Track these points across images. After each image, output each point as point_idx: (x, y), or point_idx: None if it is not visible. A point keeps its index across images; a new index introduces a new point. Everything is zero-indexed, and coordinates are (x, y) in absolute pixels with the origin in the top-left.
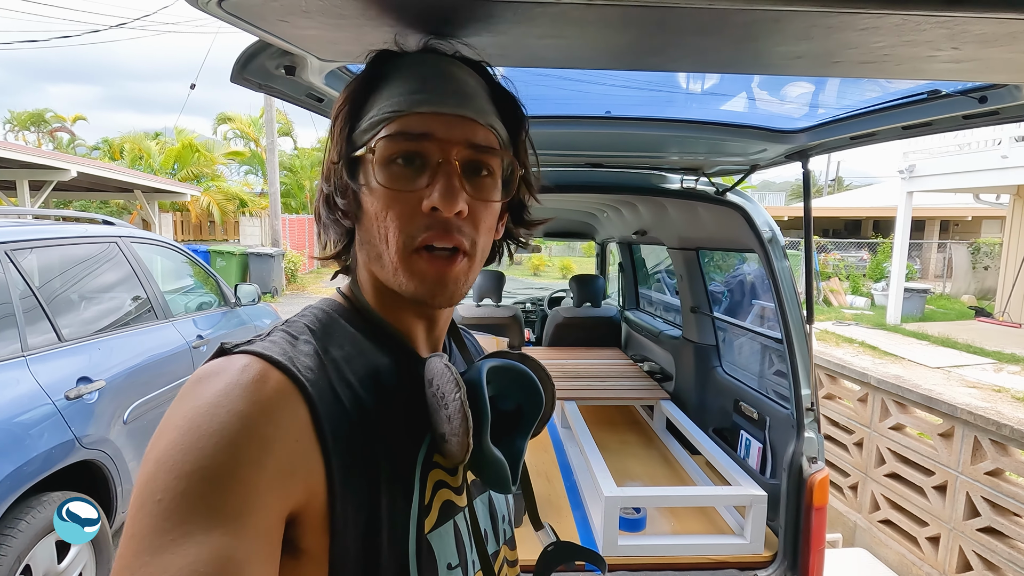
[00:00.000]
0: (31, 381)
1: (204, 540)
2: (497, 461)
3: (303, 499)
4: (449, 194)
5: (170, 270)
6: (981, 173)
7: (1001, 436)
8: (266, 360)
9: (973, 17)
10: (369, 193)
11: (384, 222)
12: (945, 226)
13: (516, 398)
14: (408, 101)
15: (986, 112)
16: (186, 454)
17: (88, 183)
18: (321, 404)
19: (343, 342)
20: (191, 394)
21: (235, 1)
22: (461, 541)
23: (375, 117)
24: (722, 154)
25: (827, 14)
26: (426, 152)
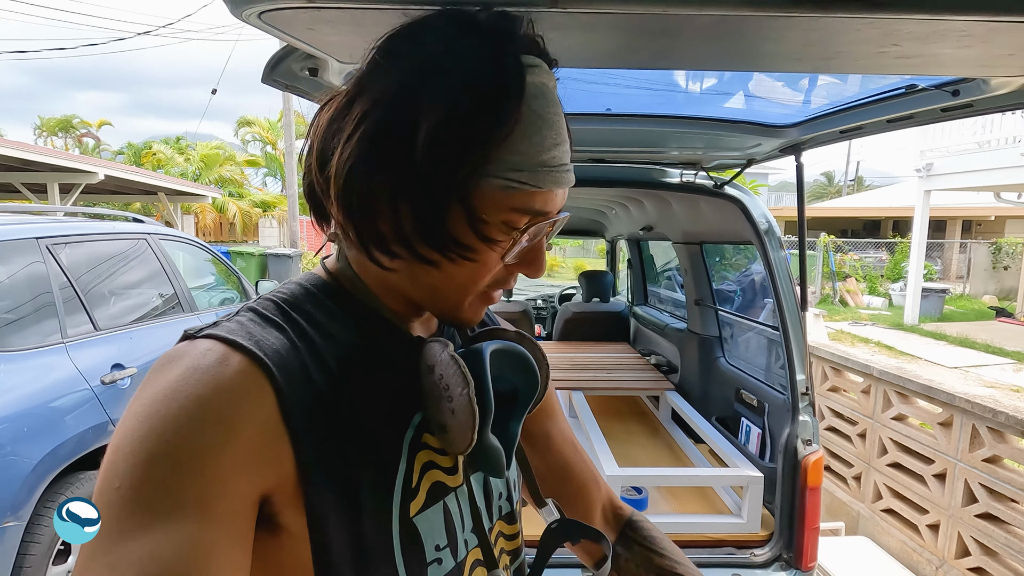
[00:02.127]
0: (70, 366)
1: (166, 528)
2: (494, 450)
3: (273, 482)
4: (543, 265)
5: (195, 267)
6: (1001, 171)
7: (997, 423)
8: (228, 344)
9: (895, 18)
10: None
11: (469, 277)
12: (967, 226)
13: (512, 380)
14: (546, 176)
15: (961, 105)
16: (144, 441)
17: (114, 186)
18: (289, 387)
19: (322, 321)
20: (151, 381)
21: (272, 14)
22: (452, 522)
23: (511, 179)
24: (719, 149)
25: (773, 17)
26: (540, 226)
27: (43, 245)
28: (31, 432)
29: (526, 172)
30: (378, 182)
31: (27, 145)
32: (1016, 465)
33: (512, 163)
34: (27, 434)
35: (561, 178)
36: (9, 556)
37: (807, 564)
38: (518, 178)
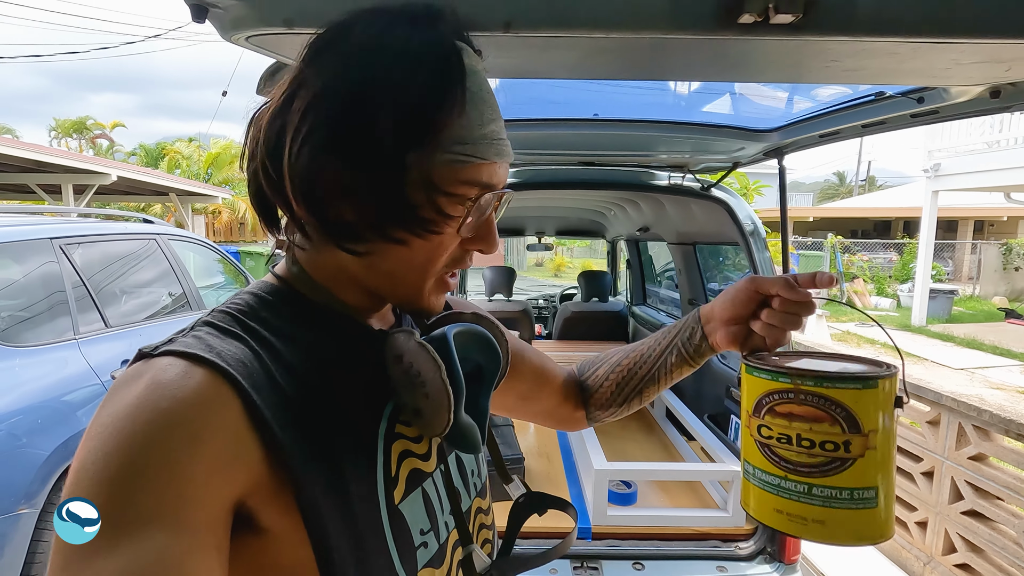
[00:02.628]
0: (82, 362)
1: (135, 544)
2: (469, 427)
3: (246, 488)
4: (496, 239)
5: (204, 267)
6: (1011, 171)
7: (982, 422)
8: (188, 357)
9: (819, 40)
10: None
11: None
12: (979, 226)
13: (475, 359)
14: (493, 148)
15: (928, 111)
16: (108, 458)
17: (127, 186)
18: (256, 392)
19: (280, 325)
20: (111, 401)
21: (258, 38)
22: (431, 506)
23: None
24: (705, 152)
25: (706, 40)
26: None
27: (57, 245)
28: (45, 424)
29: (470, 145)
30: (338, 170)
31: (42, 147)
32: (1000, 463)
33: (457, 137)
34: (41, 426)
35: (502, 149)
36: (23, 541)
37: (790, 557)
38: (463, 151)
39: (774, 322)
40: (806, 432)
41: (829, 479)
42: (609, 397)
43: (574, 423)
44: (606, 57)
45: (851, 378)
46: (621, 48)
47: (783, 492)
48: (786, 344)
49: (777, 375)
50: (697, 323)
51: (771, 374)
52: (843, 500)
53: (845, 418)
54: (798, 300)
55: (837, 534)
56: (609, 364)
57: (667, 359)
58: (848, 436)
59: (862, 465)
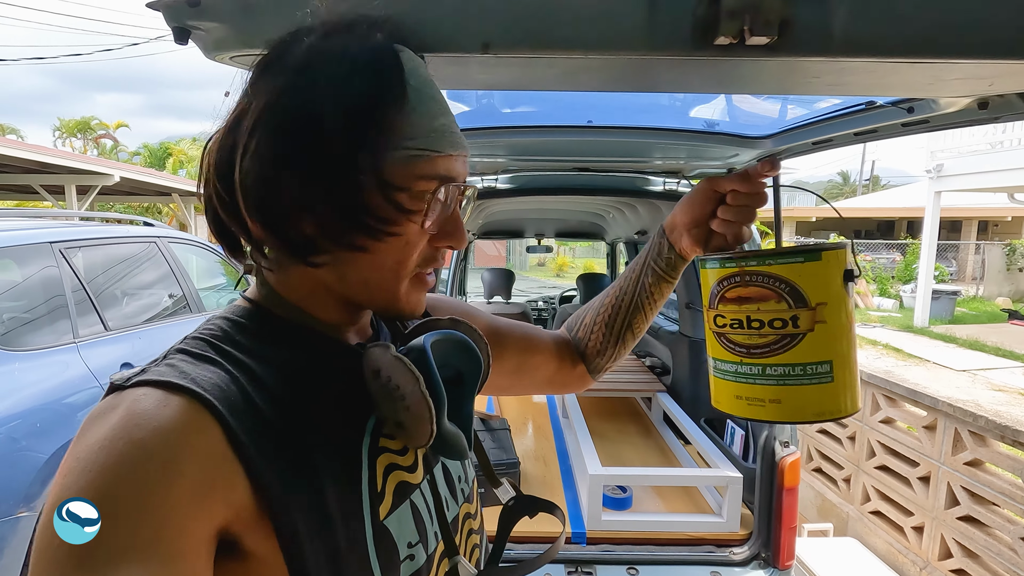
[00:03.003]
0: (81, 365)
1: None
2: (454, 435)
3: (229, 513)
4: (464, 236)
5: (206, 269)
6: (1015, 172)
7: (978, 427)
8: (163, 386)
9: (796, 60)
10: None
11: (400, 253)
12: (983, 227)
13: (456, 365)
14: (443, 141)
15: (918, 121)
16: (84, 492)
17: (130, 187)
18: (234, 417)
19: (255, 348)
20: (85, 435)
21: (242, 59)
22: (420, 517)
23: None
24: (700, 158)
25: (683, 60)
26: (450, 193)
27: (56, 249)
28: (44, 428)
29: (420, 139)
30: (289, 182)
31: (45, 148)
32: (997, 468)
33: (408, 133)
34: (40, 429)
35: (455, 141)
36: (22, 545)
37: (784, 563)
38: (416, 145)
39: (730, 217)
40: (755, 313)
41: (781, 357)
42: (602, 341)
43: (578, 381)
44: (588, 73)
45: (793, 252)
46: (601, 66)
47: (740, 377)
48: (747, 240)
49: (724, 261)
50: (662, 236)
51: (719, 261)
52: (797, 376)
53: (790, 293)
54: (751, 191)
55: (795, 411)
56: (593, 310)
57: (644, 282)
58: (795, 311)
59: (812, 340)
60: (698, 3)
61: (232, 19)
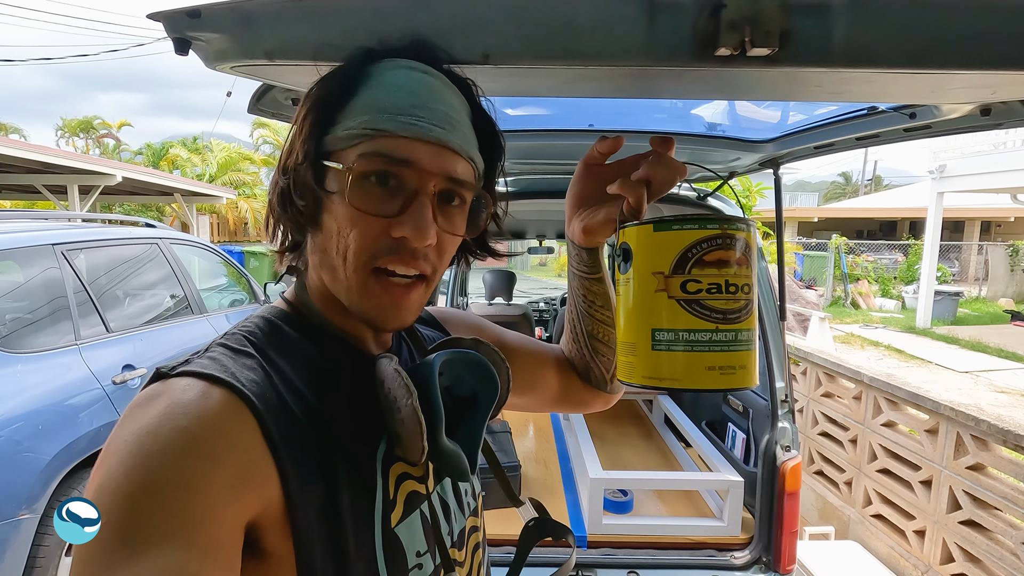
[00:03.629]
0: (83, 367)
1: (154, 556)
2: (453, 454)
3: (260, 507)
4: (423, 226)
5: (207, 270)
6: (1018, 173)
7: (980, 432)
8: (205, 378)
9: (798, 70)
10: (334, 204)
11: (346, 238)
12: (986, 227)
13: (471, 385)
14: (394, 122)
15: (921, 126)
16: (130, 475)
17: (132, 187)
18: (268, 414)
19: (288, 349)
20: (131, 419)
21: (242, 68)
22: (428, 528)
23: (354, 129)
24: (701, 162)
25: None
26: (404, 178)
27: (59, 251)
28: (46, 429)
29: (366, 119)
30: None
31: (48, 148)
32: (999, 473)
33: (356, 117)
34: (42, 431)
35: (407, 124)
36: (24, 547)
37: (785, 567)
38: (358, 124)
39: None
40: (733, 277)
41: (745, 322)
42: (580, 355)
43: (593, 397)
44: (588, 82)
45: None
46: (599, 75)
47: (715, 346)
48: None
49: (705, 222)
50: (568, 240)
51: (698, 223)
52: (751, 342)
53: (750, 258)
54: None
55: (749, 377)
56: (564, 326)
57: (574, 289)
58: (752, 277)
59: (753, 307)
60: (698, 15)
61: (232, 30)
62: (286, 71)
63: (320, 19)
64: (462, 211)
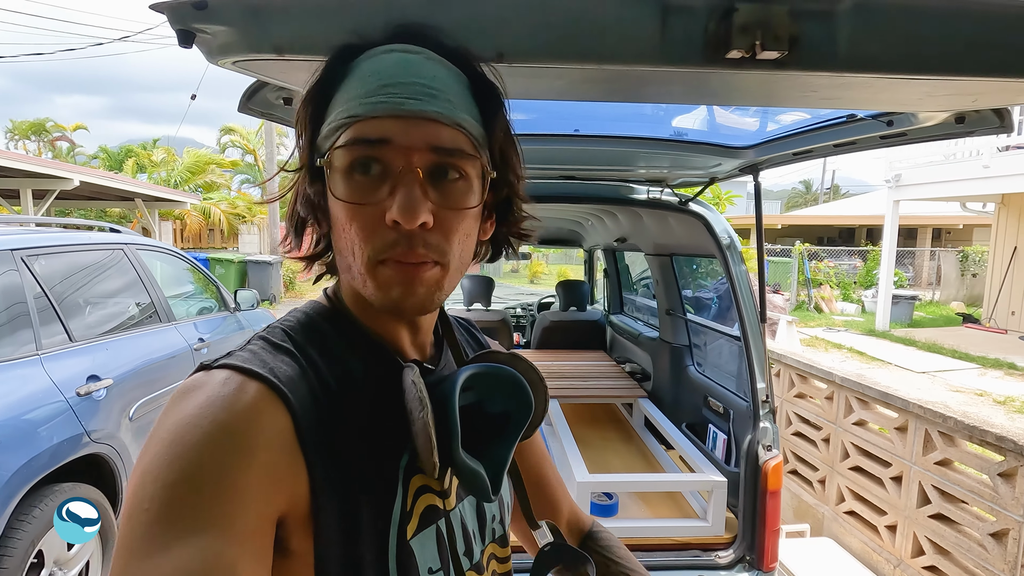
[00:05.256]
0: (45, 378)
1: (193, 543)
2: (472, 472)
3: (289, 503)
4: (409, 206)
5: (173, 276)
6: (966, 182)
7: (947, 428)
8: (244, 372)
9: (803, 74)
10: (332, 204)
11: (348, 234)
12: (937, 234)
13: (502, 402)
14: (364, 104)
15: (896, 134)
16: (171, 464)
17: (90, 192)
18: (302, 412)
19: (324, 347)
20: (174, 409)
21: (245, 63)
22: (444, 545)
23: (333, 123)
24: (683, 168)
25: (693, 73)
26: (386, 159)
27: (18, 257)
28: (4, 444)
29: (343, 109)
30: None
31: None
32: (965, 468)
33: (337, 111)
34: (2, 446)
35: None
36: None
37: (768, 565)
38: (337, 116)
39: None
40: None
41: None
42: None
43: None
44: (593, 84)
45: None
46: (609, 77)
47: None
48: None
49: None
50: None
51: None
52: None
53: None
54: None
55: None
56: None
57: None
58: None
59: None
60: (710, 18)
61: (239, 22)
62: (291, 67)
63: (333, 14)
64: (465, 183)
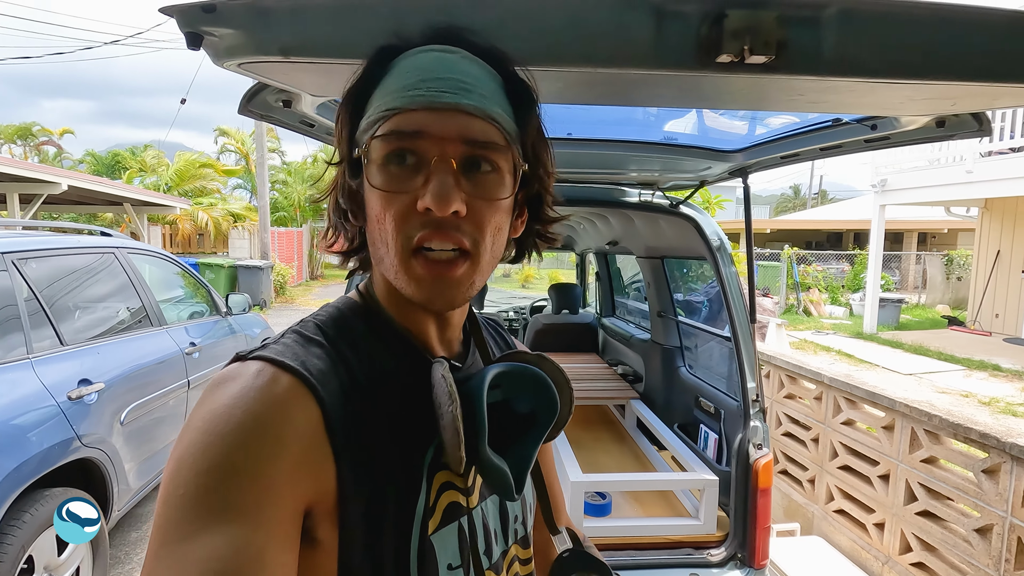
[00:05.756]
0: (36, 382)
1: (224, 530)
2: (497, 470)
3: (316, 494)
4: (442, 193)
5: (164, 280)
6: (950, 187)
7: (932, 426)
8: (277, 365)
9: (790, 78)
10: (368, 194)
11: (383, 224)
12: (923, 238)
13: (530, 402)
14: (402, 97)
15: (880, 137)
16: (205, 452)
17: (78, 196)
18: (331, 405)
19: (355, 342)
20: (209, 398)
21: (250, 65)
22: (465, 542)
23: (371, 116)
24: (674, 171)
25: (689, 76)
26: (420, 150)
27: (9, 260)
28: None
29: (382, 102)
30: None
31: None
32: (950, 465)
33: (376, 105)
34: None
35: (415, 96)
36: None
37: (759, 562)
38: (375, 109)
39: None
40: None
41: None
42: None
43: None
44: (589, 88)
45: None
46: (604, 81)
47: None
48: None
49: None
50: None
51: None
52: None
53: None
54: None
55: None
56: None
57: None
58: None
59: None
60: (702, 23)
61: (247, 24)
62: (295, 69)
63: (341, 17)
64: (497, 176)
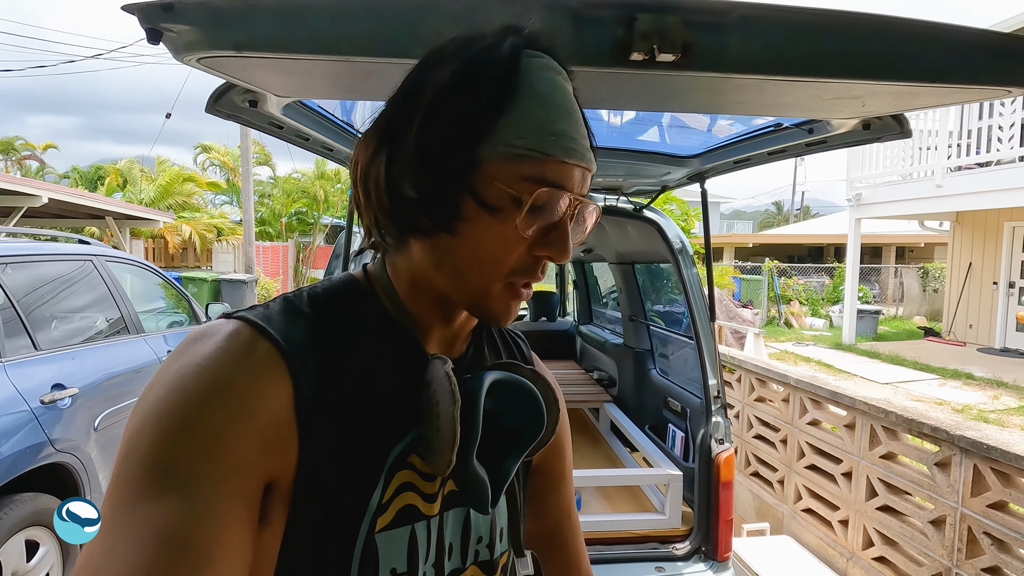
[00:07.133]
0: (8, 386)
1: (182, 494)
2: (479, 480)
3: (277, 470)
4: (568, 250)
5: (144, 290)
6: (921, 201)
7: (890, 422)
8: (257, 330)
9: (710, 77)
10: (481, 217)
11: (490, 251)
12: (901, 252)
13: (516, 416)
14: (560, 147)
15: (818, 141)
16: (171, 413)
17: (59, 209)
18: (305, 382)
19: (345, 322)
20: (182, 354)
21: (209, 59)
22: (416, 549)
23: (518, 148)
24: (637, 176)
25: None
26: (555, 203)
27: None
28: None
29: (530, 139)
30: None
31: None
32: (907, 460)
33: (517, 133)
34: None
35: (572, 149)
36: None
37: (722, 555)
38: (523, 144)
39: None
40: None
41: None
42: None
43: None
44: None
45: None
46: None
47: None
48: None
49: None
50: None
51: None
52: None
53: None
54: None
55: None
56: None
57: None
58: None
59: None
60: (616, 25)
61: (201, 22)
62: (251, 65)
63: (287, 17)
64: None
